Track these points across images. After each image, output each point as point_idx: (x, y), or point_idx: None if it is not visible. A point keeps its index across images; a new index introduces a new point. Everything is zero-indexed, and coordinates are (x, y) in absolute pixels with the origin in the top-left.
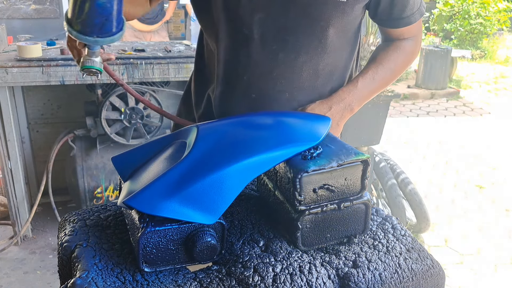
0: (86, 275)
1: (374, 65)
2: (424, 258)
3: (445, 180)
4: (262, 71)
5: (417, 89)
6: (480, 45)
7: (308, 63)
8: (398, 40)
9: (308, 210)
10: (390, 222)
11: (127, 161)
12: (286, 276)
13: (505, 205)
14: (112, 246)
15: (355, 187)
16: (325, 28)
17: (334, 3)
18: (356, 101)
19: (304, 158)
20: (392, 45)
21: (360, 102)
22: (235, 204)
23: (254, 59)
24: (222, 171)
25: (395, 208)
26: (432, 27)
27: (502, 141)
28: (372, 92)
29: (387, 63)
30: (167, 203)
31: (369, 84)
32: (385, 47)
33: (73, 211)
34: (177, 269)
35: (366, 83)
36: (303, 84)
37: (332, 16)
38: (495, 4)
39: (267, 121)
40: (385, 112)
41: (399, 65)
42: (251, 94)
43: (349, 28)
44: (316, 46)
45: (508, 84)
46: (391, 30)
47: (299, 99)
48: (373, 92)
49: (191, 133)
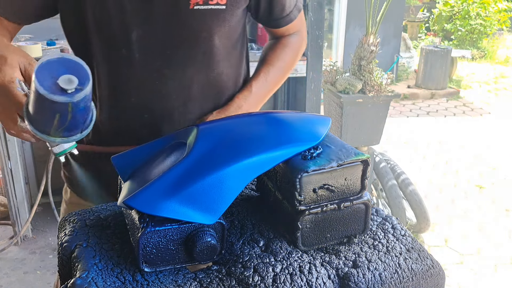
0: (86, 275)
1: (265, 67)
2: (424, 258)
3: (445, 180)
4: (150, 90)
5: (417, 89)
6: (480, 45)
7: (197, 75)
8: (284, 37)
9: (308, 210)
10: (390, 222)
11: (127, 161)
12: (286, 276)
13: (505, 205)
14: (112, 246)
15: (355, 187)
16: (209, 39)
17: (213, 12)
18: (253, 106)
19: (304, 158)
20: (279, 43)
21: (257, 106)
22: (235, 204)
23: (139, 79)
24: (222, 171)
25: (395, 208)
26: (432, 27)
27: (502, 141)
28: (267, 93)
29: (277, 62)
30: (167, 203)
31: (263, 86)
32: (273, 47)
33: (73, 211)
34: (177, 269)
35: (259, 86)
36: (195, 97)
37: (213, 26)
38: (495, 4)
39: (267, 121)
40: (385, 112)
41: (288, 62)
42: (143, 115)
43: (233, 33)
44: (202, 57)
45: (508, 84)
46: (276, 30)
47: (194, 112)
48: (268, 93)
49: (191, 133)
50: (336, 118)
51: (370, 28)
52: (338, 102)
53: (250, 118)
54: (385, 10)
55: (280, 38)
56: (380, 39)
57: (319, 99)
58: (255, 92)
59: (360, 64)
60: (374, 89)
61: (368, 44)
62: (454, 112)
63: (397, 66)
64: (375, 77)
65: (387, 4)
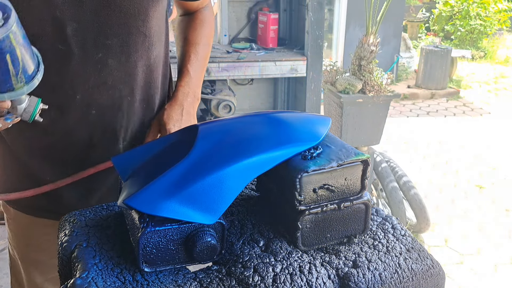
0: (86, 275)
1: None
2: (424, 258)
3: (445, 180)
4: (94, 84)
5: (417, 89)
6: (480, 45)
7: (140, 60)
8: (198, 12)
9: (308, 210)
10: (390, 222)
11: (127, 161)
12: (286, 276)
13: (505, 205)
14: (112, 246)
15: (355, 187)
16: (147, 22)
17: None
18: (197, 88)
19: (304, 158)
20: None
21: (199, 87)
22: (235, 204)
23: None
24: (222, 171)
25: (395, 208)
26: (432, 27)
27: (502, 141)
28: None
29: (201, 39)
30: (167, 203)
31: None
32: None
33: (73, 211)
34: (177, 269)
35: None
36: (140, 83)
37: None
38: (495, 4)
39: (267, 121)
40: (385, 112)
41: (209, 37)
42: (90, 111)
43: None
44: (142, 41)
45: (508, 84)
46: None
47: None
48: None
49: (191, 133)
50: (336, 118)
51: (370, 28)
52: (338, 102)
53: (250, 118)
54: (385, 10)
55: (195, 14)
56: (380, 39)
57: (319, 99)
58: (193, 75)
59: (360, 64)
60: (374, 89)
61: (368, 44)
62: (454, 112)
63: (397, 66)
64: (375, 77)
65: (387, 4)
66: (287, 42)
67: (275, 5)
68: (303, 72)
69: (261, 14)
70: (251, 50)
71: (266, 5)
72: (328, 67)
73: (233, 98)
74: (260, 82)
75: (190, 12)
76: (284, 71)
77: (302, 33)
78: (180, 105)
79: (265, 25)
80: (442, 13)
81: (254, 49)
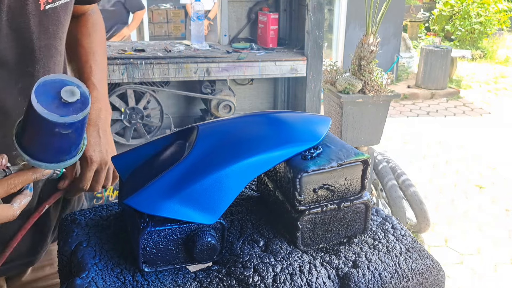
0: (86, 275)
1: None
2: (424, 258)
3: (445, 180)
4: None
5: (417, 89)
6: (480, 45)
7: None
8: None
9: (308, 210)
10: (390, 222)
11: (127, 161)
12: (286, 276)
13: (505, 205)
14: (112, 246)
15: (355, 187)
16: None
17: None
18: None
19: (304, 158)
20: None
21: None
22: (235, 204)
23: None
24: (222, 171)
25: (395, 208)
26: (432, 27)
27: (502, 141)
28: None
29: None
30: (167, 203)
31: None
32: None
33: (73, 211)
34: (177, 269)
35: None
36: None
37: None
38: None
39: (267, 121)
40: (385, 112)
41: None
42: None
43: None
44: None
45: (508, 84)
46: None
47: None
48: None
49: (191, 133)
50: (336, 118)
51: (370, 28)
52: (338, 102)
53: (250, 118)
54: (385, 10)
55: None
56: (380, 39)
57: (319, 99)
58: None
59: (360, 64)
60: (374, 89)
61: (368, 44)
62: (454, 112)
63: (397, 66)
64: (375, 77)
65: (387, 4)
66: (287, 42)
67: (275, 5)
68: (303, 72)
69: (261, 14)
70: (251, 50)
71: (266, 5)
72: (328, 67)
73: (233, 98)
74: (260, 82)
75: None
76: (284, 71)
77: (302, 33)
78: (95, 125)
79: (265, 25)
80: (442, 13)
81: (254, 49)
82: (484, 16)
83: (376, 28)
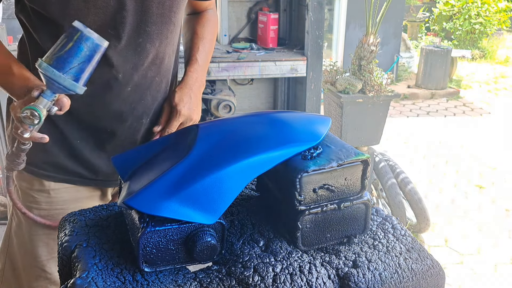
0: (86, 275)
1: (199, 40)
2: (424, 258)
3: (445, 180)
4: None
5: (417, 89)
6: (480, 45)
7: (168, 46)
8: (205, 12)
9: (308, 210)
10: (390, 222)
11: (127, 161)
12: (286, 276)
13: (505, 205)
14: (112, 246)
15: (355, 187)
16: (177, 13)
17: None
18: (203, 76)
19: (304, 158)
20: (202, 18)
21: (204, 75)
22: (235, 204)
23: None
24: (222, 171)
25: (395, 208)
26: (432, 27)
27: (502, 141)
28: (207, 63)
29: (208, 35)
30: (167, 203)
31: (204, 57)
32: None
33: (73, 211)
34: (177, 269)
35: (202, 58)
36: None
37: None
38: (495, 4)
39: (267, 121)
40: (385, 112)
41: (214, 33)
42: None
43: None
44: (172, 30)
45: (508, 84)
46: (200, 3)
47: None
48: (207, 62)
49: (192, 133)
50: (336, 118)
51: (370, 28)
52: (338, 102)
53: (250, 118)
54: (385, 10)
55: (202, 13)
56: (380, 39)
57: (319, 99)
58: (201, 64)
59: (360, 64)
60: (374, 89)
61: (368, 44)
62: (454, 112)
63: (397, 66)
64: (375, 77)
65: (387, 4)
66: (287, 42)
67: (275, 5)
68: (303, 72)
69: (261, 14)
70: (251, 50)
71: (266, 5)
72: (328, 67)
73: (233, 98)
74: (260, 82)
75: (198, 11)
76: (284, 71)
77: (302, 33)
78: (189, 88)
79: (265, 25)
80: (442, 12)
81: (254, 49)
82: (484, 16)
83: (376, 28)
